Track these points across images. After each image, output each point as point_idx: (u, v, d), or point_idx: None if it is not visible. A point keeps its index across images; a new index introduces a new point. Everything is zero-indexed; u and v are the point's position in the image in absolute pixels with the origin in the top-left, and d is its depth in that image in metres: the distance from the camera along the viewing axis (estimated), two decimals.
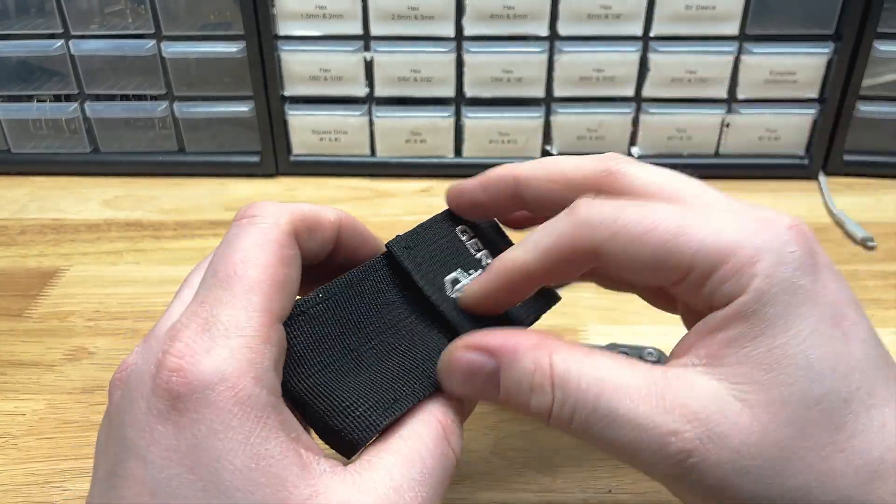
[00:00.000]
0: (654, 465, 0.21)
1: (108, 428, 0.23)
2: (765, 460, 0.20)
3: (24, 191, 0.62)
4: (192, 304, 0.22)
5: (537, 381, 0.22)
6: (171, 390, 0.20)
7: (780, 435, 0.21)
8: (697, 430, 0.21)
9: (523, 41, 0.58)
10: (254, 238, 0.24)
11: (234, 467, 0.20)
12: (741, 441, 0.21)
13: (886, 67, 0.58)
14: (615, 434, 0.22)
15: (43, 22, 0.58)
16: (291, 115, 0.61)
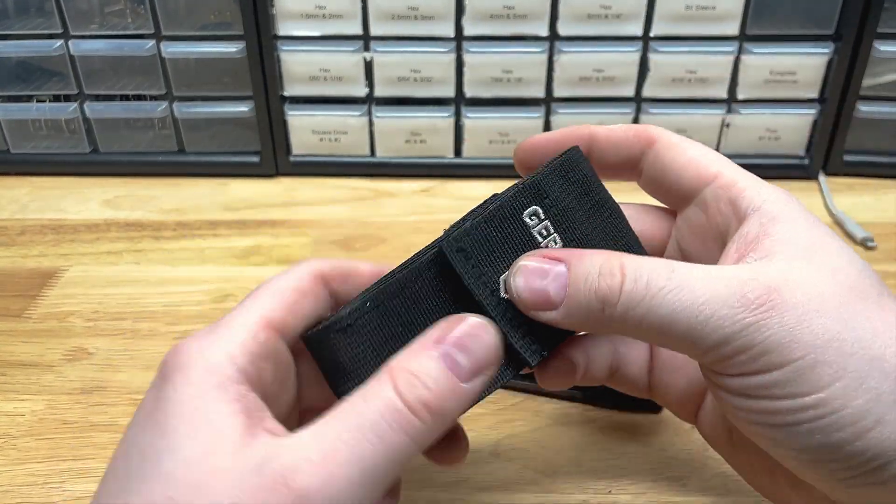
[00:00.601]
0: (733, 319, 0.22)
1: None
2: (832, 304, 0.23)
3: (24, 191, 0.62)
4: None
5: (606, 267, 0.24)
6: (164, 363, 0.24)
7: (838, 291, 0.23)
8: (771, 279, 0.23)
9: (523, 41, 0.58)
10: (282, 275, 0.28)
11: (181, 414, 0.22)
12: (808, 290, 0.23)
13: (886, 67, 0.58)
14: (694, 294, 0.23)
15: (43, 22, 0.58)
16: (291, 115, 0.61)
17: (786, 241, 0.25)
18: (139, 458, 0.22)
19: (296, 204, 0.60)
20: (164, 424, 0.22)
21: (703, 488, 0.35)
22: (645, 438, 0.38)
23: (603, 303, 0.24)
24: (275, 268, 0.52)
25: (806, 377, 0.22)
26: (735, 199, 0.27)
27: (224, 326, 0.25)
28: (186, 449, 0.22)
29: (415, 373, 0.23)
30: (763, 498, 0.35)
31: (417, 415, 0.22)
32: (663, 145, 0.29)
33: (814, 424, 0.23)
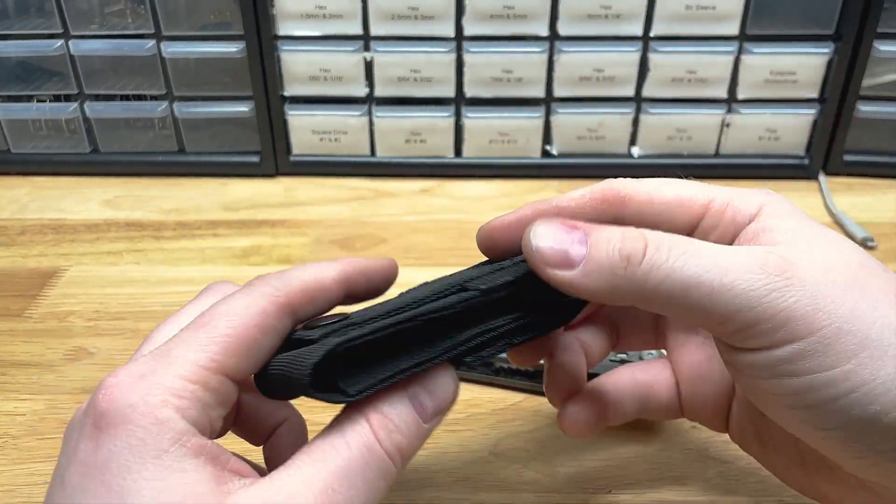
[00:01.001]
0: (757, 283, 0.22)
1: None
2: (846, 279, 0.23)
3: (24, 191, 0.62)
4: (167, 341, 0.24)
5: (628, 233, 0.24)
6: (97, 409, 0.22)
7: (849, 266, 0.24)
8: (786, 254, 0.23)
9: (523, 41, 0.58)
10: (243, 300, 0.25)
11: (142, 478, 0.21)
12: (822, 265, 0.23)
13: (886, 67, 0.58)
14: (716, 260, 0.23)
15: (43, 22, 0.58)
16: (291, 115, 0.61)
17: (787, 231, 0.25)
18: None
19: (296, 204, 0.60)
20: (121, 490, 0.21)
21: (703, 488, 0.35)
22: (645, 438, 0.38)
23: (627, 260, 0.23)
24: (275, 267, 0.52)
25: (832, 347, 0.22)
26: (733, 216, 0.27)
27: (170, 366, 0.23)
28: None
29: (390, 417, 0.23)
30: (759, 498, 0.35)
31: (393, 460, 0.23)
32: (639, 199, 0.27)
33: (848, 399, 0.22)
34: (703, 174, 0.62)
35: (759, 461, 0.31)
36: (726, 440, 0.37)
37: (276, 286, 0.25)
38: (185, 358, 0.23)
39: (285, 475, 0.22)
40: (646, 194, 0.27)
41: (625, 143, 0.62)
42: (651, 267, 0.23)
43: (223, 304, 0.25)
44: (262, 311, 0.25)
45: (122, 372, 0.23)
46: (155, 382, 0.22)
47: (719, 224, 0.27)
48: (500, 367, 0.41)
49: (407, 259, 0.53)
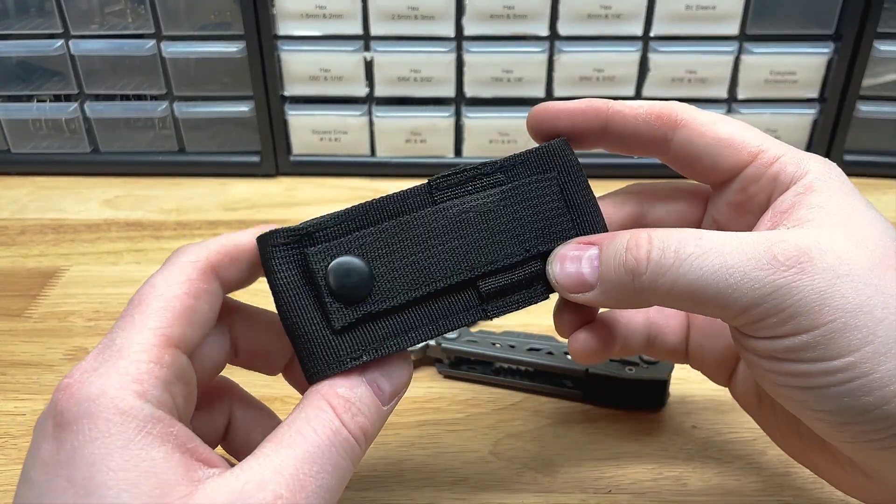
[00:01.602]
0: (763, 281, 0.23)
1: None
2: (862, 269, 0.23)
3: (24, 191, 0.62)
4: (108, 332, 0.24)
5: (632, 241, 0.25)
6: (56, 408, 0.22)
7: (869, 257, 0.23)
8: (802, 241, 0.23)
9: (523, 41, 0.58)
10: (165, 274, 0.26)
11: (108, 469, 0.20)
12: (838, 255, 0.23)
13: (886, 67, 0.58)
14: (722, 258, 0.23)
15: (43, 22, 0.58)
16: (291, 115, 0.61)
17: (819, 209, 0.25)
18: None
19: (296, 204, 0.60)
20: (88, 484, 0.20)
21: (703, 488, 0.35)
22: (645, 438, 0.38)
23: (632, 274, 0.24)
24: None
25: (835, 341, 0.22)
26: (777, 174, 0.26)
27: (120, 354, 0.23)
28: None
29: (352, 400, 0.24)
30: (759, 498, 0.35)
31: (358, 441, 0.24)
32: (694, 127, 0.27)
33: (842, 388, 0.23)
34: None
35: (758, 423, 0.31)
36: (726, 440, 0.37)
37: (194, 252, 0.26)
38: (130, 342, 0.23)
39: (255, 463, 0.22)
40: (700, 124, 0.27)
41: None
42: (656, 276, 0.24)
43: (147, 284, 0.25)
44: (187, 278, 0.25)
45: (77, 370, 0.22)
46: (110, 373, 0.22)
47: (762, 177, 0.27)
48: (500, 367, 0.41)
49: None
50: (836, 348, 0.22)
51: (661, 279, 0.24)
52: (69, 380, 0.22)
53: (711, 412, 0.39)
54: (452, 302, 0.26)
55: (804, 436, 0.28)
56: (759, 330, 0.24)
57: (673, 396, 0.40)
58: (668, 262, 0.24)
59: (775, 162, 0.26)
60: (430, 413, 0.40)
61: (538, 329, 0.43)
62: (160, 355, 0.23)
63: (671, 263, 0.23)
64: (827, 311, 0.22)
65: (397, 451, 0.38)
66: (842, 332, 0.22)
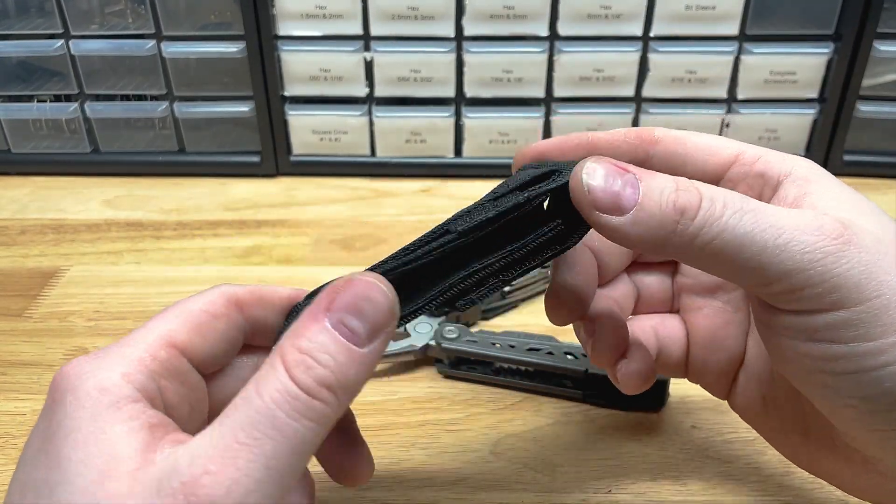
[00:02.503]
0: (814, 245, 0.22)
1: None
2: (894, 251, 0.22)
3: (24, 191, 0.62)
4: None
5: (682, 183, 0.23)
6: (51, 387, 0.23)
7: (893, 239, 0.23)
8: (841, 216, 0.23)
9: (523, 41, 0.58)
10: (195, 298, 0.27)
11: (75, 442, 0.21)
12: (873, 234, 0.23)
13: (886, 67, 0.58)
14: (773, 219, 0.22)
15: (43, 22, 0.58)
16: (291, 115, 0.61)
17: (828, 197, 0.24)
18: (33, 496, 0.21)
19: (296, 204, 0.60)
20: (57, 455, 0.21)
21: (703, 488, 0.35)
22: (645, 438, 0.38)
23: (681, 214, 0.22)
24: (275, 268, 0.52)
25: (878, 319, 0.22)
26: (763, 171, 0.26)
27: (120, 345, 0.24)
28: (81, 478, 0.20)
29: (306, 351, 0.21)
30: (759, 498, 0.35)
31: (318, 397, 0.21)
32: (670, 140, 0.28)
33: (883, 371, 0.22)
34: None
35: (758, 431, 0.31)
36: (726, 440, 0.37)
37: (230, 287, 0.27)
38: (135, 338, 0.25)
39: (199, 436, 0.21)
40: (675, 138, 0.28)
41: None
42: (705, 222, 0.22)
43: (179, 303, 0.26)
44: (211, 301, 0.26)
45: (81, 357, 0.24)
46: (105, 357, 0.23)
47: (747, 175, 0.27)
48: (500, 367, 0.41)
49: None
50: (878, 328, 0.22)
51: (707, 228, 0.22)
52: (68, 364, 0.23)
53: (711, 412, 0.39)
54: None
55: (811, 437, 0.28)
56: (798, 301, 0.22)
57: (673, 396, 0.40)
58: (717, 213, 0.22)
59: (757, 161, 0.26)
60: (430, 413, 0.40)
61: (538, 329, 0.43)
62: (156, 350, 0.24)
63: (720, 214, 0.22)
64: (873, 286, 0.22)
65: (397, 451, 0.38)
66: (885, 310, 0.21)
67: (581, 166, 0.24)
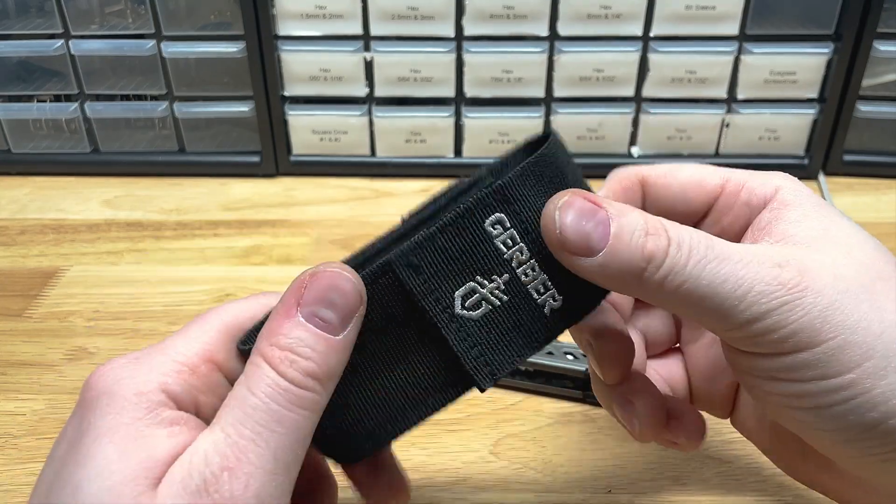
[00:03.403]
0: (770, 296, 0.22)
1: None
2: (856, 288, 0.23)
3: (24, 191, 0.62)
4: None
5: (652, 226, 0.23)
6: (85, 386, 0.23)
7: (859, 272, 0.24)
8: (800, 262, 0.23)
9: (523, 41, 0.58)
10: (241, 301, 0.27)
11: (110, 442, 0.21)
12: (834, 272, 0.23)
13: (886, 67, 0.58)
14: (734, 268, 0.23)
15: (43, 22, 0.58)
16: (291, 115, 0.61)
17: (799, 223, 0.25)
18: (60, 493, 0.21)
19: (296, 204, 0.60)
20: (88, 454, 0.21)
21: (704, 488, 0.35)
22: None
23: (648, 261, 0.23)
24: (275, 268, 0.52)
25: (836, 358, 0.22)
26: (748, 199, 0.27)
27: (159, 351, 0.24)
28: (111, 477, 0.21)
29: (286, 347, 0.22)
30: (759, 498, 0.35)
31: (306, 387, 0.22)
32: (656, 180, 0.28)
33: (846, 406, 0.23)
34: None
35: (759, 448, 0.31)
36: (726, 440, 0.37)
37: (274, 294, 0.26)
38: (175, 345, 0.24)
39: (202, 438, 0.22)
40: (660, 175, 0.28)
41: (625, 143, 0.62)
42: (669, 271, 0.23)
43: (220, 305, 0.26)
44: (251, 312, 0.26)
45: (117, 359, 0.24)
46: (145, 363, 0.23)
47: (734, 205, 0.27)
48: None
49: None
50: (836, 366, 0.22)
51: (671, 277, 0.22)
52: (105, 367, 0.23)
53: None
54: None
55: (808, 456, 0.28)
56: (758, 346, 0.23)
57: None
58: (683, 262, 0.22)
59: (742, 188, 0.27)
60: None
61: None
62: (196, 365, 0.24)
63: (685, 264, 0.22)
64: (828, 328, 0.22)
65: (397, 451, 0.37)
66: (842, 350, 0.22)
67: (554, 202, 0.23)
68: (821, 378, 0.23)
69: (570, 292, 0.24)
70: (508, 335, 0.24)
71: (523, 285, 0.24)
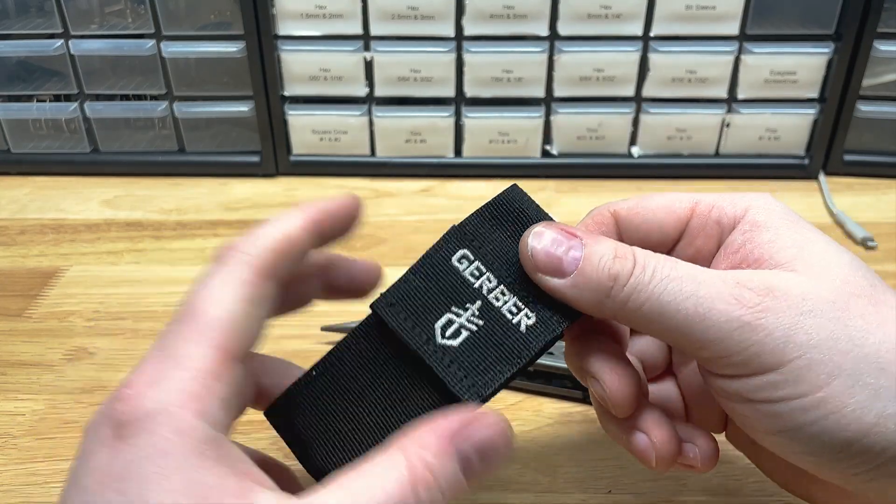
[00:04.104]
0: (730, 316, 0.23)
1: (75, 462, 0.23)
2: (825, 304, 0.23)
3: (24, 191, 0.62)
4: (158, 339, 0.23)
5: (620, 251, 0.25)
6: (114, 418, 0.21)
7: (830, 289, 0.24)
8: (764, 282, 0.24)
9: (523, 41, 0.58)
10: (221, 277, 0.24)
11: (161, 490, 0.20)
12: (801, 291, 0.23)
13: (886, 67, 0.58)
14: (696, 287, 0.23)
15: (43, 22, 0.58)
16: (291, 115, 0.61)
17: (771, 244, 0.25)
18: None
19: (296, 204, 0.60)
20: (141, 498, 0.20)
21: (703, 488, 0.35)
22: None
23: (614, 280, 0.24)
24: None
25: (803, 378, 0.23)
26: (719, 219, 0.27)
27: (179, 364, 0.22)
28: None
29: (434, 474, 0.22)
30: (759, 498, 0.35)
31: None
32: (626, 208, 0.29)
33: (818, 426, 0.23)
34: (703, 174, 0.62)
35: (753, 462, 0.31)
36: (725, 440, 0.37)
37: (250, 252, 0.25)
38: (190, 354, 0.22)
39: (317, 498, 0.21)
40: (629, 207, 0.28)
41: (625, 143, 0.62)
42: (633, 290, 0.24)
43: (205, 289, 0.24)
44: (246, 282, 0.24)
45: (135, 379, 0.22)
46: (171, 387, 0.22)
47: (705, 226, 0.27)
48: None
49: (407, 259, 0.52)
50: (804, 385, 0.22)
51: (635, 295, 0.24)
52: (129, 390, 0.22)
53: None
54: None
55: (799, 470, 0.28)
56: (726, 366, 0.24)
57: None
58: (646, 280, 0.24)
59: (713, 208, 0.27)
60: None
61: None
62: (220, 371, 0.23)
63: (647, 281, 0.24)
64: (791, 347, 0.23)
65: None
66: (808, 369, 0.22)
67: (531, 229, 0.26)
68: (789, 398, 0.23)
69: (543, 309, 0.26)
70: (490, 356, 0.26)
71: (496, 309, 0.26)
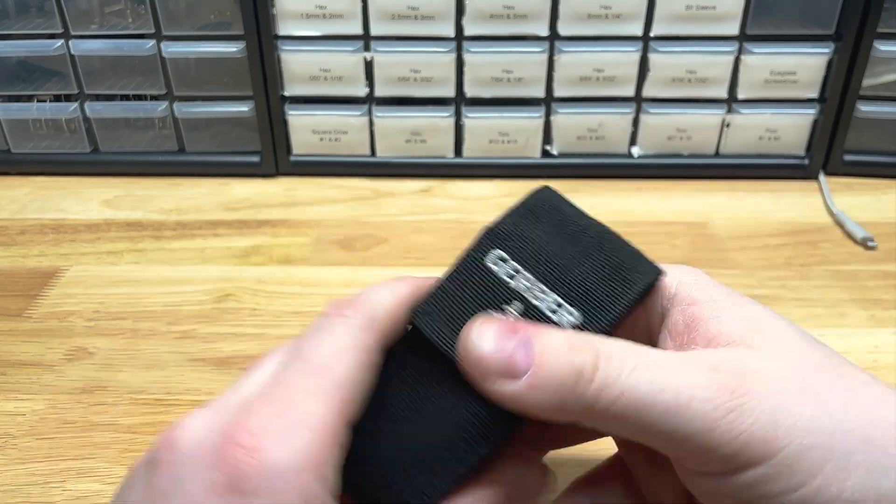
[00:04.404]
0: (715, 403, 0.21)
1: (148, 488, 0.21)
2: (798, 385, 0.22)
3: (24, 191, 0.62)
4: (272, 385, 0.22)
5: (577, 340, 0.22)
6: (237, 468, 0.20)
7: (793, 363, 0.22)
8: (735, 363, 0.22)
9: (523, 41, 0.58)
10: (347, 338, 0.23)
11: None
12: (772, 373, 0.22)
13: (886, 67, 0.58)
14: (674, 374, 0.21)
15: (43, 22, 0.58)
16: (291, 115, 0.61)
17: (717, 320, 0.24)
18: None
19: (296, 204, 0.60)
20: None
21: None
22: None
23: (578, 375, 0.21)
24: (275, 268, 0.52)
25: (796, 467, 0.21)
26: (651, 301, 0.26)
27: (304, 421, 0.21)
28: None
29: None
30: None
31: None
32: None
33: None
34: (702, 174, 0.62)
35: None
36: None
37: (367, 316, 0.24)
38: (315, 412, 0.21)
39: None
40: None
41: (625, 143, 0.62)
42: (603, 385, 0.21)
43: (326, 344, 0.23)
44: (365, 348, 0.23)
45: (256, 427, 0.21)
46: (297, 447, 0.20)
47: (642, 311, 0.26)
48: None
49: (407, 259, 0.53)
50: (798, 475, 0.21)
51: (606, 390, 0.21)
52: (252, 439, 0.20)
53: None
54: None
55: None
56: (711, 463, 0.21)
57: None
58: (615, 373, 0.21)
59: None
60: None
61: None
62: (340, 436, 0.22)
63: (618, 373, 0.21)
64: (780, 434, 0.21)
65: None
66: (799, 456, 0.21)
67: (469, 329, 0.22)
68: (785, 493, 0.21)
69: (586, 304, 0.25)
70: None
71: (535, 308, 0.25)
